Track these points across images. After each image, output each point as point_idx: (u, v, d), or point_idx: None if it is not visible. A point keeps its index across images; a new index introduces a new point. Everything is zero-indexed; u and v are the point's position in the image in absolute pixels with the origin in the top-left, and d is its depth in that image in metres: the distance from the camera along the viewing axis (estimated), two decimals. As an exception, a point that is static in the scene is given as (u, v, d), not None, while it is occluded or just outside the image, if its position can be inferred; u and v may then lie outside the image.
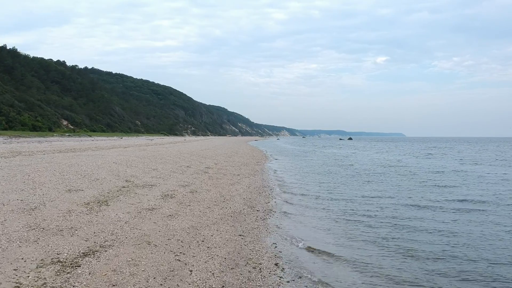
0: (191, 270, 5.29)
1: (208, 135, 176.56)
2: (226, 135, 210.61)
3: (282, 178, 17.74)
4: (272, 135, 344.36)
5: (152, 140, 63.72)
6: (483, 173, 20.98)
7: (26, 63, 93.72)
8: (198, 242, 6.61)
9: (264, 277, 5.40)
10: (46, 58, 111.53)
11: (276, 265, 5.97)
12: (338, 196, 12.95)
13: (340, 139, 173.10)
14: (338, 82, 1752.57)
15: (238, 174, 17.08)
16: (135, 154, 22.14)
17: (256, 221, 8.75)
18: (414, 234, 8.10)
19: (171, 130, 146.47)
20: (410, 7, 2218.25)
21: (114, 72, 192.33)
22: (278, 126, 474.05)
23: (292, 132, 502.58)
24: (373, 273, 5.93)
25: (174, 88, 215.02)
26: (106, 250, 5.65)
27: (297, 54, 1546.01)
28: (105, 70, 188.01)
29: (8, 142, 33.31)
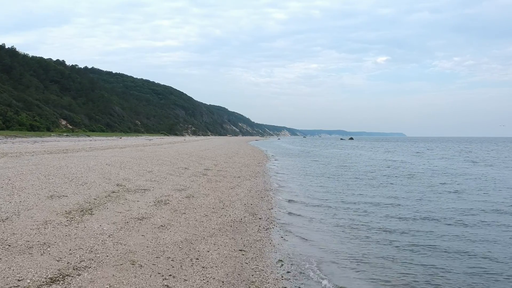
0: (181, 300, 4.35)
1: (208, 135, 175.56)
2: (226, 135, 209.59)
3: (285, 181, 16.80)
4: (272, 135, 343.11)
5: (150, 140, 62.75)
6: (501, 176, 19.94)
7: (25, 63, 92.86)
8: (191, 260, 5.67)
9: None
10: (46, 58, 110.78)
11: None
12: (346, 203, 12.02)
13: (341, 139, 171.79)
14: (338, 82, 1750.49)
15: (239, 176, 16.15)
16: (131, 155, 21.18)
17: (258, 231, 7.81)
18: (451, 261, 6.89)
19: (171, 130, 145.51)
20: (410, 7, 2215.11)
21: (114, 72, 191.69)
22: (278, 126, 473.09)
23: (292, 132, 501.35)
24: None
25: (174, 87, 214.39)
26: (80, 274, 4.71)
27: (297, 54, 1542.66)
28: (105, 70, 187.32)
29: (2, 142, 32.39)
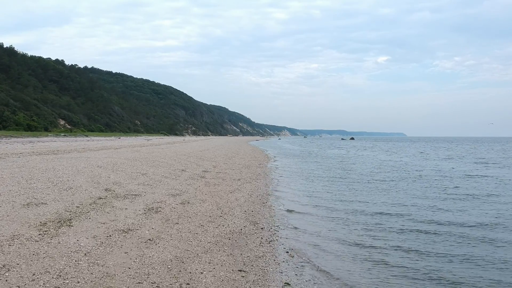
0: None
1: (208, 135, 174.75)
2: (227, 135, 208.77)
3: (288, 184, 15.85)
4: (273, 135, 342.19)
5: (149, 140, 61.81)
6: None
7: (23, 62, 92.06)
8: (181, 285, 4.72)
9: None
10: (45, 58, 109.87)
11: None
12: (355, 209, 11.07)
13: (342, 139, 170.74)
14: (339, 82, 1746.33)
15: (239, 179, 15.21)
16: (126, 156, 20.24)
17: (261, 245, 6.87)
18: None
19: (171, 130, 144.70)
20: (411, 7, 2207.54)
21: (114, 71, 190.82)
22: (279, 126, 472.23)
23: (293, 132, 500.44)
24: None
25: (174, 87, 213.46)
26: (39, 310, 3.77)
27: (298, 54, 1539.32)
28: (105, 70, 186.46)
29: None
